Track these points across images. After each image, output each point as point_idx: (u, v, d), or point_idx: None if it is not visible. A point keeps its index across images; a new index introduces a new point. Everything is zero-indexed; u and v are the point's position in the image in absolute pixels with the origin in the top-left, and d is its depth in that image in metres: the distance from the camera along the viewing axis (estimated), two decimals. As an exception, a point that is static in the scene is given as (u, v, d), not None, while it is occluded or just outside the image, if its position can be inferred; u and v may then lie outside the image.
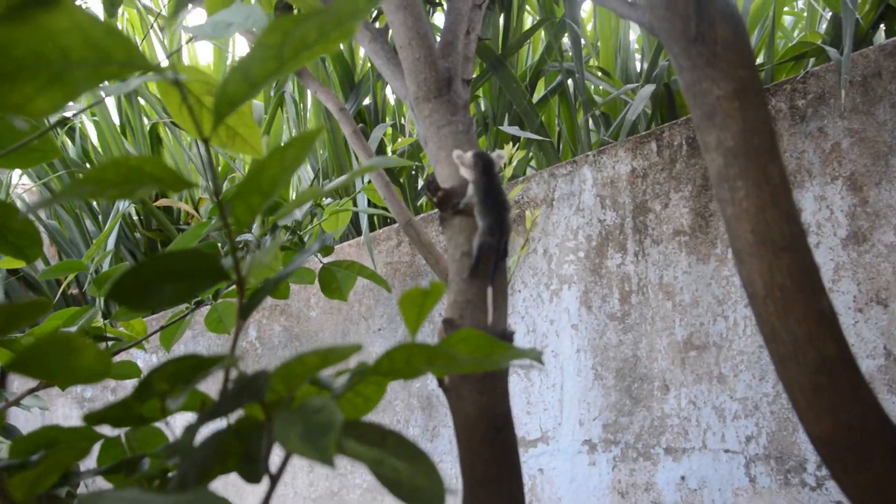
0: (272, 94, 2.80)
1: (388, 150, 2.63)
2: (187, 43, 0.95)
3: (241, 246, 1.49)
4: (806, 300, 0.63)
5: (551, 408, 2.21)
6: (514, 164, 1.25)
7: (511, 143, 1.28)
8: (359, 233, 2.66)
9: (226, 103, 0.56)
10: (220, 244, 1.50)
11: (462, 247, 0.97)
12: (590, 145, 2.47)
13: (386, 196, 1.41)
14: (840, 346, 0.64)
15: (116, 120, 3.11)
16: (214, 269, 0.61)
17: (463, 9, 1.23)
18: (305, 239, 1.58)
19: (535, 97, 2.78)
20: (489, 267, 1.02)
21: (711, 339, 1.97)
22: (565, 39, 2.68)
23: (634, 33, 3.16)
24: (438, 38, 1.21)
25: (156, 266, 0.57)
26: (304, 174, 2.92)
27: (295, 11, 1.55)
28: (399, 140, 1.73)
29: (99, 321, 1.44)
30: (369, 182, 1.60)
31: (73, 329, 1.20)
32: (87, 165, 3.00)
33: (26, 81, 0.49)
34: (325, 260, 2.03)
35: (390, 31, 1.20)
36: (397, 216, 1.45)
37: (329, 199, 2.06)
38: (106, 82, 0.56)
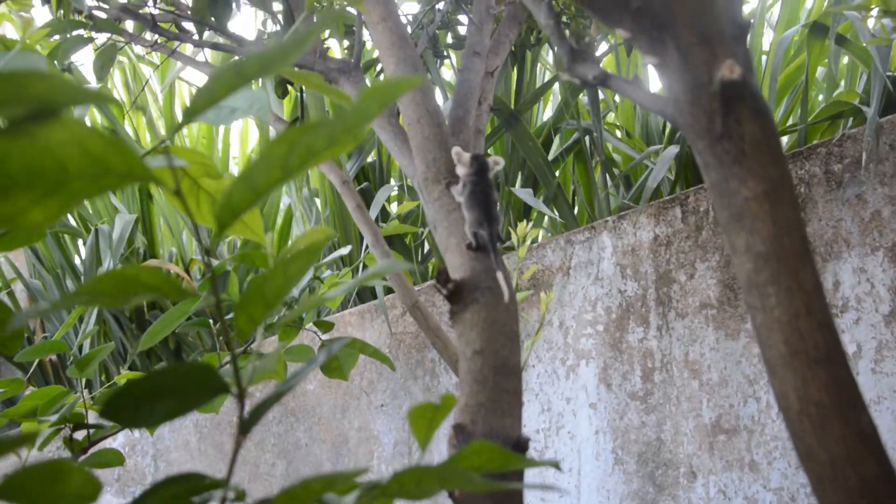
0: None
1: (392, 210, 2.65)
2: (183, 125, 0.97)
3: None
4: (844, 417, 0.64)
5: (568, 494, 2.18)
6: (528, 242, 1.26)
7: (525, 221, 1.30)
8: (361, 299, 2.67)
9: (229, 213, 0.57)
10: (211, 320, 1.51)
11: (473, 344, 0.98)
12: (609, 208, 2.49)
13: (390, 276, 1.42)
14: (883, 466, 0.64)
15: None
16: (213, 383, 0.62)
17: (474, 80, 1.26)
18: (304, 315, 1.59)
19: (549, 154, 2.81)
20: (489, 252, 1.14)
21: (742, 423, 1.96)
22: (582, 96, 2.72)
23: (655, 88, 3.21)
24: (448, 109, 1.23)
25: (149, 384, 0.58)
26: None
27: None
28: (403, 203, 1.75)
29: (80, 400, 1.45)
30: (367, 251, 1.62)
31: (54, 417, 1.21)
32: (73, 223, 3.04)
33: (21, 194, 0.51)
34: (325, 336, 2.04)
35: (397, 104, 1.23)
36: (402, 298, 1.46)
37: (328, 270, 2.07)
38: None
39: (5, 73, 0.46)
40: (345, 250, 1.26)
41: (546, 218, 2.75)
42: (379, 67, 2.62)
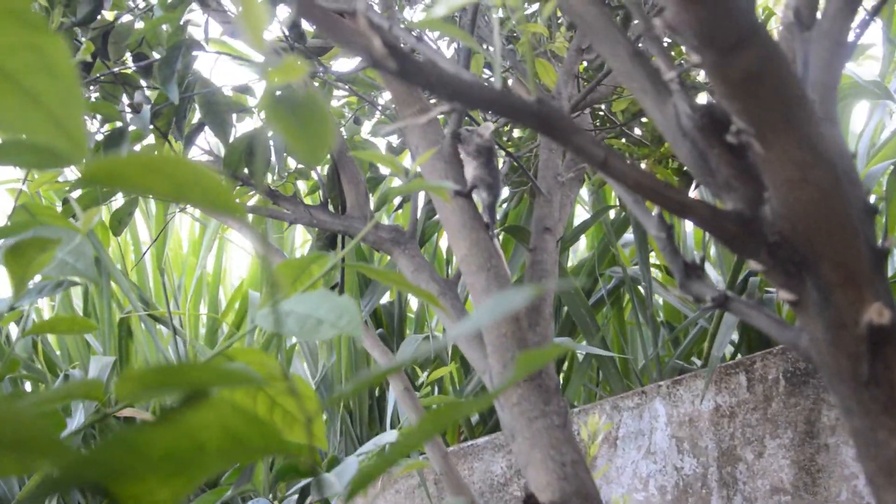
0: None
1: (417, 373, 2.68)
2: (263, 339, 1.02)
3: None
4: None
5: None
6: (600, 439, 1.29)
7: (598, 415, 1.33)
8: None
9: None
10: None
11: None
12: (659, 368, 2.52)
13: (445, 470, 1.44)
14: None
15: (79, 306, 3.19)
16: None
17: (548, 261, 1.31)
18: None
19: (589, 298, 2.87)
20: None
21: None
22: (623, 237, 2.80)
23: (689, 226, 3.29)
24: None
25: None
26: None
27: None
28: (437, 370, 1.79)
29: None
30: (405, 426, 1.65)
31: None
32: (36, 364, 3.04)
33: (153, 476, 0.55)
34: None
35: (460, 280, 1.28)
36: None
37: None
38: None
39: (166, 366, 0.50)
40: (389, 437, 1.29)
41: (596, 376, 2.78)
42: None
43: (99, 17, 1.68)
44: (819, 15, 1.00)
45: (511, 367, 1.19)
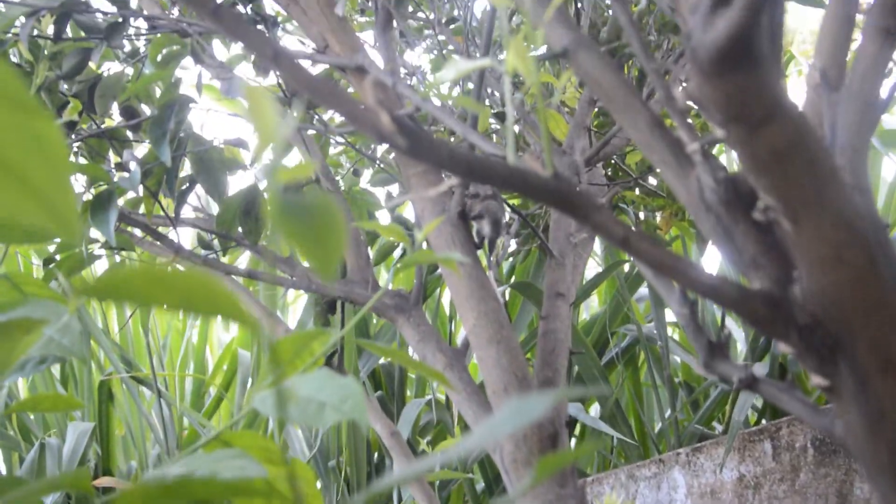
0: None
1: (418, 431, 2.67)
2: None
3: None
4: None
5: None
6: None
7: (613, 487, 1.33)
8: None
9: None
10: None
11: None
12: (677, 433, 2.52)
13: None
14: None
15: (56, 367, 3.18)
16: None
17: (561, 329, 1.32)
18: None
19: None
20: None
21: None
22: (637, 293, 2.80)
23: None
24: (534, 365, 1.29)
25: None
26: (299, 453, 2.96)
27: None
28: (444, 441, 1.78)
29: None
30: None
31: None
32: (9, 430, 3.02)
33: None
34: None
35: (472, 355, 1.28)
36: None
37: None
38: None
39: (171, 481, 0.51)
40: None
41: (610, 442, 2.77)
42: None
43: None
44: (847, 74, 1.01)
45: (523, 446, 1.19)
